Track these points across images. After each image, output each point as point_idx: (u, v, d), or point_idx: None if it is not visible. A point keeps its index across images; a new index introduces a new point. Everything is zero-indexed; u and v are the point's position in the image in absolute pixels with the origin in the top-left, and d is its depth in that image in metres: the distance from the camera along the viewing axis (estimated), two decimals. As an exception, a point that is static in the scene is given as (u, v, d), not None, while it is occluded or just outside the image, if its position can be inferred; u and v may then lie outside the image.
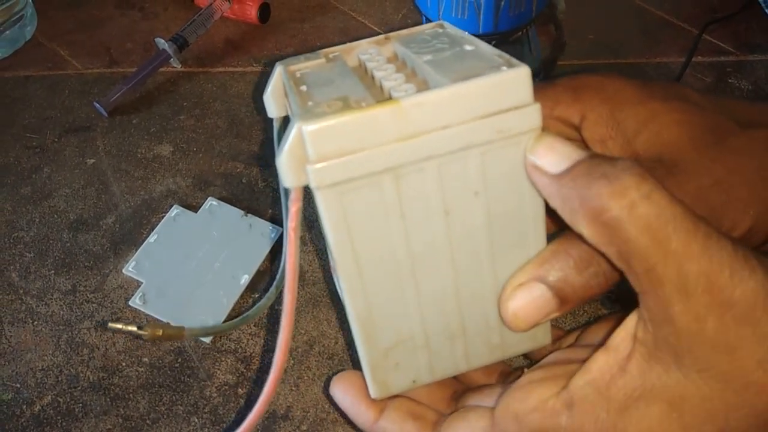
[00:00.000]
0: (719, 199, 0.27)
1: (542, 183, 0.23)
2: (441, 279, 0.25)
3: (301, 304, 0.42)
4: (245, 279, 0.42)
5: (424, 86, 0.24)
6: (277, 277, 0.33)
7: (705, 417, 0.21)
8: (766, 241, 0.29)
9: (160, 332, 0.29)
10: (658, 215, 0.20)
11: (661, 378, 0.21)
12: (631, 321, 0.23)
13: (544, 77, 0.50)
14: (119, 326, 0.30)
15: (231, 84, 0.54)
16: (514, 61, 0.23)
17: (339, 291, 0.28)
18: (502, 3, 0.45)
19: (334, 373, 0.30)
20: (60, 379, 0.39)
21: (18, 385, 0.39)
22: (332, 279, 0.42)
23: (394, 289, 0.25)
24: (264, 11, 0.57)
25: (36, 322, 0.41)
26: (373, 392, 0.28)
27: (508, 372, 0.32)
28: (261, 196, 0.47)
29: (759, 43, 0.54)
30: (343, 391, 0.29)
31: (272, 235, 0.44)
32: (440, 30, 0.28)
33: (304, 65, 0.27)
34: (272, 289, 0.32)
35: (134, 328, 0.30)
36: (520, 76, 0.22)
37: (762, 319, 0.19)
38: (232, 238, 0.44)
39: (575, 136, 0.31)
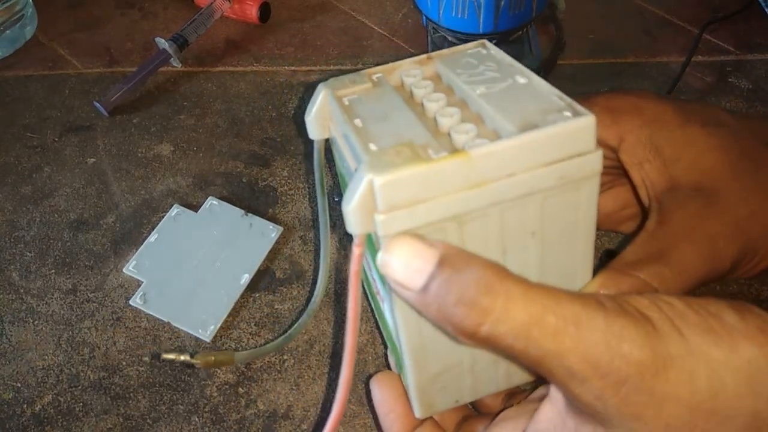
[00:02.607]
0: (757, 229, 0.28)
1: (407, 295, 0.22)
2: None
3: (301, 303, 0.42)
4: (245, 278, 0.42)
5: (483, 126, 0.24)
6: (317, 289, 0.33)
7: None
8: None
9: (212, 359, 0.30)
10: (522, 324, 0.20)
11: None
12: None
13: (544, 77, 0.50)
14: (172, 357, 0.30)
15: (231, 83, 0.54)
16: (576, 105, 0.23)
17: (382, 313, 0.30)
18: (502, 2, 0.45)
19: (363, 370, 0.31)
20: (60, 378, 0.39)
21: (18, 385, 0.39)
22: (336, 281, 0.42)
23: None
24: (264, 11, 0.57)
25: (36, 322, 0.41)
26: (419, 413, 0.29)
27: (514, 393, 0.32)
28: (261, 195, 0.47)
29: (759, 43, 0.55)
30: (383, 398, 0.30)
31: (272, 235, 0.44)
32: (484, 51, 0.28)
33: (350, 90, 0.27)
34: (312, 305, 0.33)
35: (187, 357, 0.30)
36: (587, 124, 0.22)
37: (654, 385, 0.19)
38: (232, 238, 0.44)
39: (612, 157, 0.32)
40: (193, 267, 0.42)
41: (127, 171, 0.49)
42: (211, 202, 0.46)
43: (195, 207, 0.46)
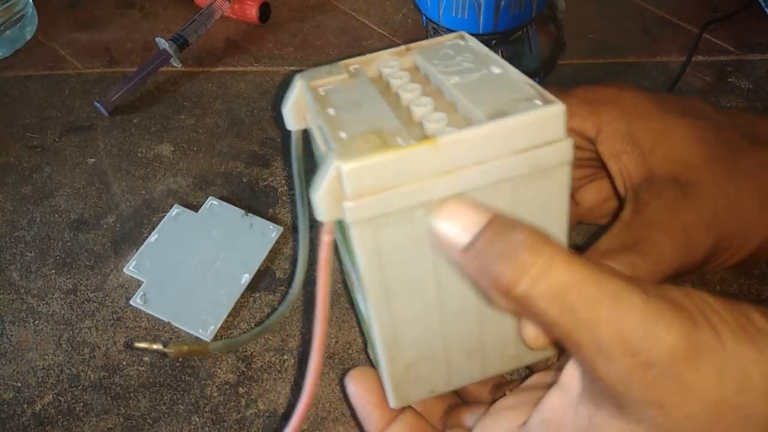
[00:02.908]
0: (732, 221, 0.28)
1: (450, 254, 0.22)
2: (465, 300, 0.26)
3: (302, 303, 0.42)
4: (246, 278, 0.42)
5: (455, 115, 0.24)
6: (294, 283, 0.33)
7: None
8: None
9: (186, 349, 0.30)
10: (561, 287, 0.20)
11: (606, 423, 0.21)
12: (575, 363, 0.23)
13: (544, 77, 0.50)
14: (144, 345, 0.30)
15: (231, 83, 0.54)
16: (547, 94, 0.23)
17: (359, 307, 0.30)
18: (502, 2, 0.45)
19: (350, 367, 0.31)
20: (61, 378, 0.39)
21: (19, 384, 0.39)
22: (336, 281, 0.42)
23: (419, 312, 0.25)
24: (264, 11, 0.57)
25: (37, 322, 0.41)
26: (393, 403, 0.29)
27: (501, 383, 0.32)
28: (261, 195, 0.47)
29: (759, 43, 0.55)
30: (357, 392, 0.30)
31: (273, 235, 0.44)
32: (462, 42, 0.28)
33: (326, 80, 0.27)
34: (290, 296, 0.33)
35: (160, 347, 0.30)
36: (557, 113, 0.22)
37: (683, 372, 0.19)
38: (232, 238, 0.44)
39: (590, 148, 0.32)
40: (194, 267, 0.43)
41: (128, 171, 0.49)
42: (212, 202, 0.46)
43: (195, 207, 0.46)
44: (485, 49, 0.27)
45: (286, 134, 0.30)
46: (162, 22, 0.59)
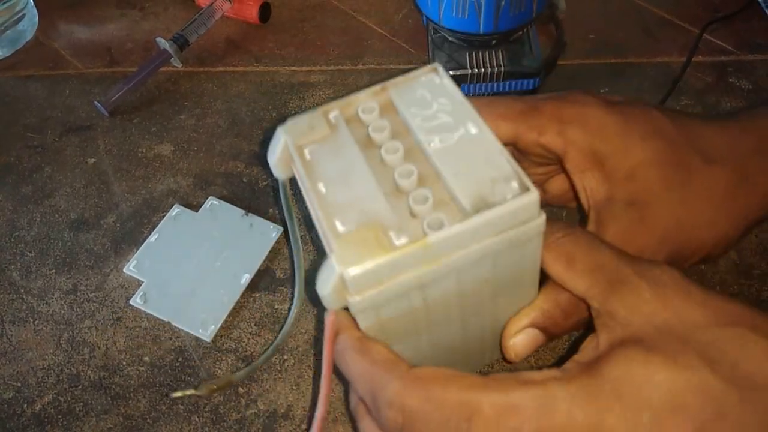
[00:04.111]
0: (680, 239, 0.32)
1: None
2: (451, 335, 0.30)
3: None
4: (246, 278, 0.42)
5: (440, 188, 0.26)
6: (293, 304, 0.35)
7: None
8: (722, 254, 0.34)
9: (215, 387, 0.34)
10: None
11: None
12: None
13: (544, 77, 0.50)
14: (180, 394, 0.34)
15: (232, 83, 0.54)
16: (522, 175, 0.25)
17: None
18: (503, 3, 0.45)
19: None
20: (61, 378, 0.39)
21: (19, 384, 0.39)
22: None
23: (410, 347, 0.29)
24: (264, 11, 0.57)
25: (37, 322, 0.41)
26: None
27: None
28: (262, 195, 0.47)
29: (760, 43, 0.54)
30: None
31: (273, 234, 0.44)
32: (437, 80, 0.29)
33: (309, 139, 0.28)
34: (290, 317, 0.35)
35: (193, 391, 0.33)
36: (532, 200, 0.25)
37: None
38: (232, 238, 0.44)
39: (557, 163, 0.34)
40: (194, 267, 0.43)
41: (128, 171, 0.49)
42: (212, 202, 0.46)
43: (195, 207, 0.46)
44: (458, 93, 0.29)
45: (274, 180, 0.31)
46: (162, 21, 0.59)
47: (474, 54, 0.48)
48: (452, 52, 0.49)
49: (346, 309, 0.26)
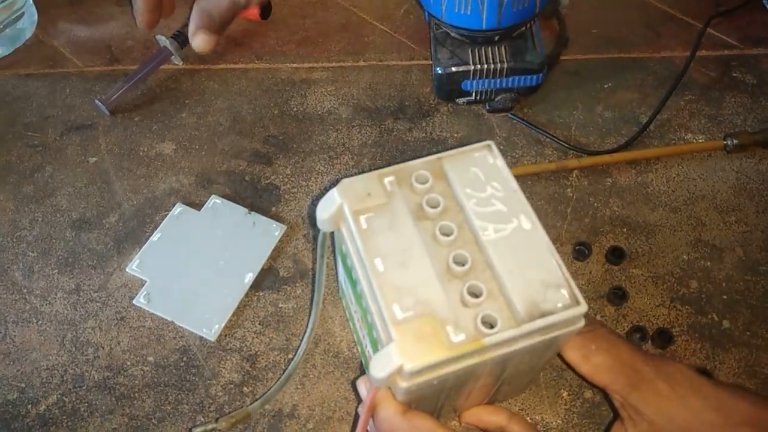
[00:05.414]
0: None
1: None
2: (460, 398, 0.32)
3: (306, 302, 0.42)
4: (250, 277, 0.42)
5: (493, 283, 0.27)
6: (308, 330, 0.38)
7: None
8: None
9: (234, 420, 0.35)
10: None
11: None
12: None
13: (547, 72, 0.49)
14: (201, 429, 0.36)
15: (233, 81, 0.53)
16: (572, 284, 0.27)
17: (351, 314, 0.35)
18: (505, -2, 0.44)
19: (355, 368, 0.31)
20: (65, 378, 0.39)
21: (23, 385, 0.39)
22: (336, 279, 0.42)
23: (426, 406, 0.31)
24: (266, 8, 0.57)
25: (40, 322, 0.41)
26: None
27: None
28: (264, 193, 0.47)
29: (763, 37, 0.54)
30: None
31: (276, 233, 0.44)
32: (490, 160, 0.30)
33: (365, 206, 0.29)
34: (303, 344, 0.38)
35: (214, 425, 0.35)
36: (579, 312, 0.26)
37: None
38: (235, 236, 0.44)
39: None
40: (197, 266, 0.42)
41: (129, 170, 0.48)
42: (214, 200, 0.46)
43: (198, 206, 0.45)
44: (511, 178, 0.30)
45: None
46: (163, 19, 0.59)
47: (477, 50, 0.48)
48: (454, 48, 0.49)
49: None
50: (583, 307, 0.27)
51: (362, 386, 0.30)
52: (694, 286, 0.42)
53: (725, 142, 0.47)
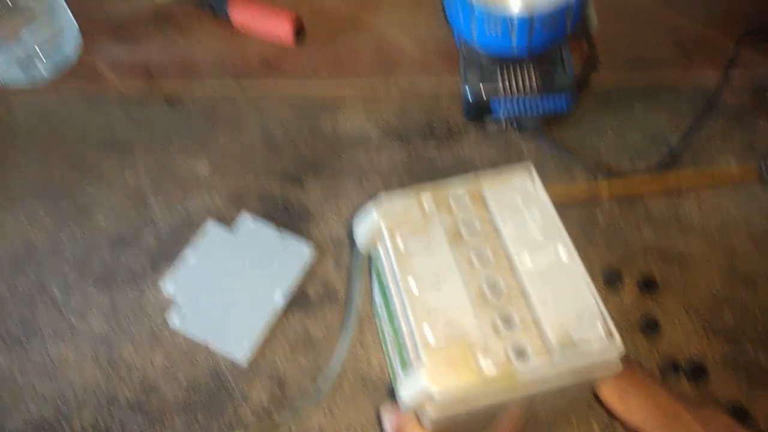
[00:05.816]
0: None
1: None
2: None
3: (335, 327, 0.42)
4: (280, 299, 0.42)
5: (525, 310, 0.27)
6: (338, 354, 0.39)
7: None
8: None
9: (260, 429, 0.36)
10: None
11: None
12: None
13: (577, 95, 0.49)
14: None
15: (266, 102, 0.54)
16: (607, 318, 0.26)
17: (383, 333, 0.35)
18: (536, 21, 0.44)
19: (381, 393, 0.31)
20: (99, 396, 0.40)
21: (58, 402, 0.40)
22: (369, 300, 0.42)
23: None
24: (298, 31, 0.58)
25: (77, 339, 0.42)
26: None
27: None
28: (295, 214, 0.47)
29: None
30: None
31: (306, 254, 0.44)
32: (529, 186, 0.30)
33: (402, 222, 0.29)
34: (333, 369, 0.39)
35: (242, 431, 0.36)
36: (616, 351, 0.26)
37: None
38: (267, 256, 0.44)
39: None
40: (229, 286, 0.43)
41: (165, 189, 0.49)
42: (246, 220, 0.46)
43: (230, 225, 0.46)
44: (550, 205, 0.29)
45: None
46: (197, 38, 0.60)
47: (506, 71, 0.48)
48: (484, 69, 0.49)
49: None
50: (620, 348, 0.26)
51: (386, 415, 0.31)
52: (728, 317, 0.41)
53: (759, 166, 0.47)
